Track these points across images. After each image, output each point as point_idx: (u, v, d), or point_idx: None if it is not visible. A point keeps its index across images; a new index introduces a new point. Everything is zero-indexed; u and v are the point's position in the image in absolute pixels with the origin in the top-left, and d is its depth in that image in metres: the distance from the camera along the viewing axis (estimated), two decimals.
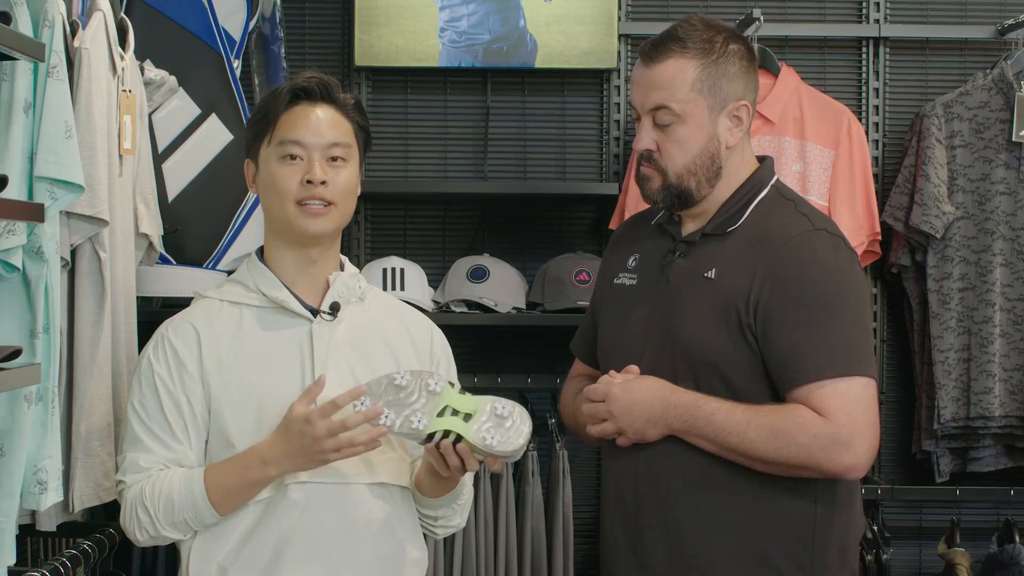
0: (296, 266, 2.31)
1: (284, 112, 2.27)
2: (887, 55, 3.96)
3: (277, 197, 2.26)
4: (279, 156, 2.26)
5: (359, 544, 2.26)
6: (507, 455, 2.16)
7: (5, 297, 2.42)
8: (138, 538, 2.25)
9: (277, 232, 2.31)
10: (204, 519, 2.21)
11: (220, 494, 2.19)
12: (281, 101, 2.28)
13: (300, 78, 2.31)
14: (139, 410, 2.27)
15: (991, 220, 3.69)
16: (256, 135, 2.31)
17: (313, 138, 2.26)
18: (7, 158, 2.36)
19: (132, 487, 2.23)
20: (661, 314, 2.37)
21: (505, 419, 2.17)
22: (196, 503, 2.19)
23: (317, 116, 2.27)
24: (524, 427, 2.17)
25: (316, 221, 2.25)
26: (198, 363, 2.25)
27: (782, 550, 2.30)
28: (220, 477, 2.20)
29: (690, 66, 2.33)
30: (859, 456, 2.23)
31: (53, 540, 2.97)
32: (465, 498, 2.41)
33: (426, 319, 2.47)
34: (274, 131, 2.27)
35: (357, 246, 3.95)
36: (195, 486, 2.19)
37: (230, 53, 3.47)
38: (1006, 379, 3.68)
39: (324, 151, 2.26)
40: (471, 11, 3.83)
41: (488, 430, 2.15)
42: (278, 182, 2.26)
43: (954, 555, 3.69)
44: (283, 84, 2.34)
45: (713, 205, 2.39)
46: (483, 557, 3.63)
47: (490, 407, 2.18)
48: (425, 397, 2.17)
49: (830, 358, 2.24)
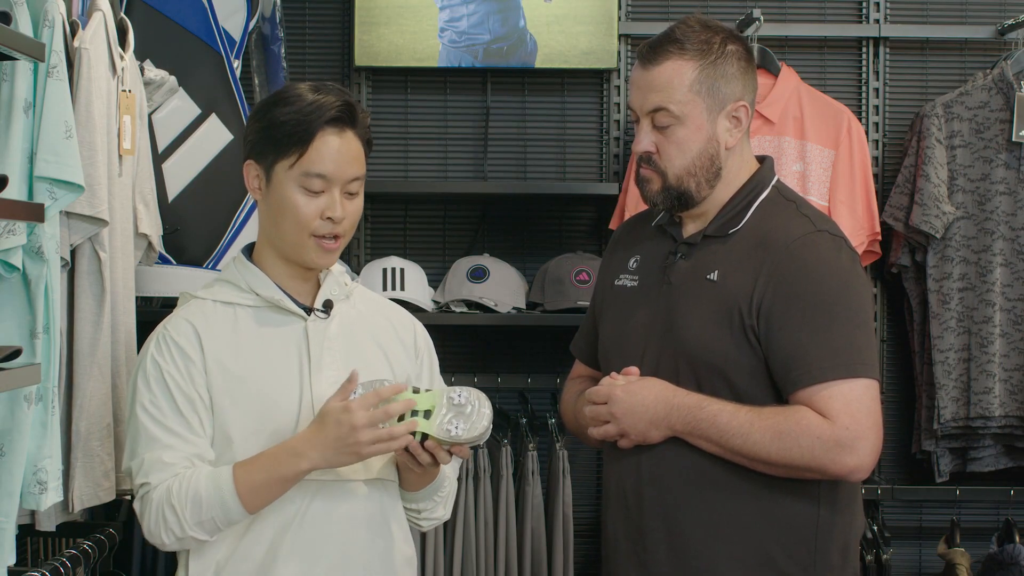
0: (287, 272, 2.32)
1: (314, 139, 2.22)
2: (887, 55, 3.96)
3: (293, 224, 2.24)
4: (301, 184, 2.23)
5: (355, 540, 2.26)
6: (473, 439, 2.17)
7: (5, 297, 2.43)
8: (164, 541, 2.20)
9: (278, 248, 2.30)
10: (232, 517, 2.18)
11: (249, 490, 2.16)
12: (312, 126, 2.21)
13: (326, 100, 2.22)
14: (151, 410, 2.23)
15: (991, 220, 3.69)
16: (277, 150, 2.24)
17: (338, 174, 2.23)
18: (7, 158, 2.36)
19: (158, 487, 2.19)
20: (663, 316, 2.37)
21: (464, 406, 2.18)
22: (224, 500, 2.16)
23: (345, 148, 2.24)
24: (485, 409, 2.19)
25: (328, 257, 2.27)
26: (201, 358, 2.25)
27: (785, 551, 2.30)
28: (248, 473, 2.17)
29: (688, 67, 2.33)
30: (862, 458, 2.23)
31: (53, 540, 2.97)
32: (447, 490, 2.42)
33: (409, 315, 2.48)
34: (302, 157, 2.22)
35: (357, 246, 3.95)
36: (223, 483, 2.16)
37: (230, 53, 3.47)
38: (1006, 379, 3.68)
39: (344, 186, 2.26)
40: (471, 11, 3.83)
41: (450, 421, 2.16)
42: (299, 211, 2.23)
43: (954, 555, 3.69)
44: (305, 99, 2.23)
45: (714, 206, 2.39)
46: (483, 557, 3.63)
47: (446, 399, 2.19)
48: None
49: (833, 360, 2.24)
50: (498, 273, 3.78)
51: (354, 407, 2.12)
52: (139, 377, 2.27)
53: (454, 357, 3.92)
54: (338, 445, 2.13)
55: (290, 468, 2.16)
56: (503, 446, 3.63)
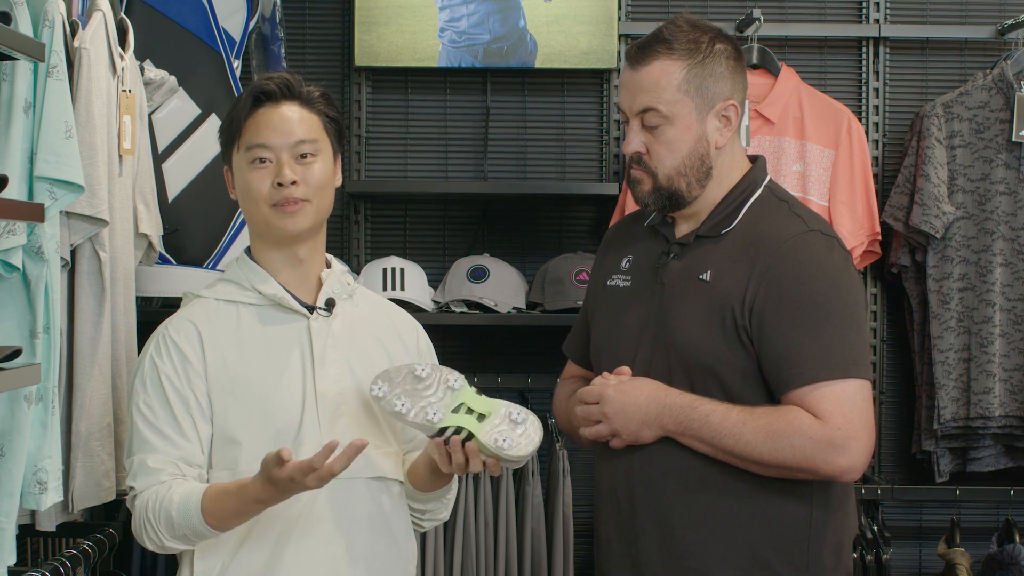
0: (285, 265, 2.32)
1: (248, 117, 2.28)
2: (887, 55, 3.96)
3: (252, 202, 2.28)
4: (249, 161, 2.27)
5: (359, 538, 2.27)
6: (514, 460, 2.17)
7: (5, 297, 2.43)
8: (148, 546, 2.24)
9: (260, 234, 2.33)
10: (204, 536, 2.20)
11: (217, 518, 2.17)
12: (244, 106, 2.29)
13: (261, 80, 2.32)
14: (144, 411, 2.24)
15: (991, 220, 3.69)
16: (227, 142, 2.32)
17: (279, 139, 2.26)
18: (7, 158, 2.36)
19: (140, 495, 2.22)
20: (655, 316, 2.37)
21: (519, 425, 2.18)
22: (193, 524, 2.17)
23: (281, 116, 2.28)
24: (535, 435, 2.18)
25: (292, 219, 2.26)
26: (202, 360, 2.26)
27: (777, 551, 2.30)
28: (216, 503, 2.17)
29: (676, 67, 2.33)
30: (854, 458, 2.23)
31: (53, 540, 2.97)
32: (453, 492, 2.43)
33: (411, 317, 2.49)
34: (241, 137, 2.28)
35: (357, 246, 3.96)
36: (191, 509, 2.17)
37: (230, 53, 3.47)
38: (1006, 379, 3.68)
39: (292, 150, 2.27)
40: (471, 11, 3.83)
41: (501, 432, 2.16)
42: (250, 187, 2.27)
43: (954, 555, 3.70)
44: None
45: (706, 206, 2.39)
46: (483, 557, 3.63)
47: (505, 410, 2.19)
48: (443, 391, 2.19)
49: (825, 360, 2.24)
50: (498, 273, 3.78)
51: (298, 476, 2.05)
52: (137, 377, 2.28)
53: (454, 357, 3.92)
54: (294, 492, 2.12)
55: (256, 509, 2.17)
56: None
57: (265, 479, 2.09)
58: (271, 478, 2.08)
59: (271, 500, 2.14)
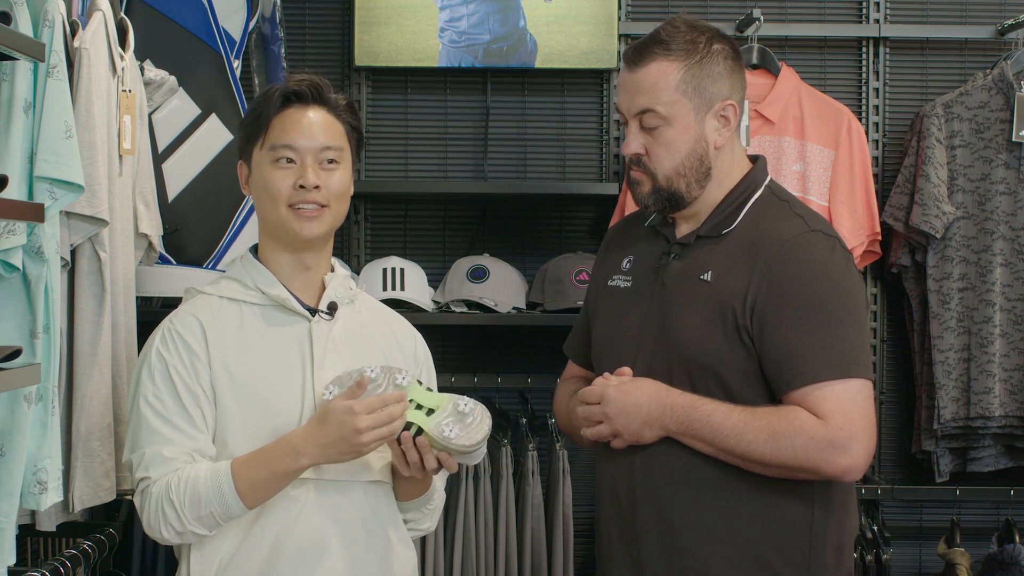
0: (291, 269, 2.33)
1: (276, 115, 2.28)
2: (887, 55, 3.96)
3: (270, 201, 2.28)
4: (272, 160, 2.27)
5: (356, 541, 2.27)
6: (464, 449, 2.19)
7: (5, 297, 2.43)
8: (164, 535, 2.21)
9: (271, 234, 2.32)
10: (231, 512, 2.19)
11: (248, 486, 2.17)
12: (273, 104, 2.29)
13: (292, 80, 2.32)
14: (154, 403, 2.23)
15: (991, 220, 3.69)
16: (249, 137, 2.32)
17: (306, 142, 2.27)
18: (7, 158, 2.36)
19: (157, 482, 2.20)
20: (656, 316, 2.37)
21: (466, 415, 2.20)
22: (224, 495, 2.17)
23: (309, 119, 2.28)
24: (484, 424, 2.21)
25: (309, 225, 2.27)
26: (206, 353, 2.26)
27: (779, 552, 2.30)
28: (247, 468, 2.18)
29: (673, 68, 2.33)
30: (856, 458, 2.23)
31: (53, 540, 2.97)
32: (436, 503, 2.43)
33: (410, 325, 2.50)
34: (267, 135, 2.28)
35: (357, 246, 3.96)
36: (222, 478, 2.17)
37: (230, 53, 3.47)
38: (1006, 379, 3.68)
39: (317, 154, 2.27)
40: (471, 11, 3.83)
41: (448, 424, 2.18)
42: (271, 185, 2.27)
43: (954, 555, 3.70)
44: (274, 88, 2.33)
45: (706, 206, 2.39)
46: (483, 557, 3.63)
47: (452, 404, 2.22)
48: (392, 390, 2.21)
49: (827, 360, 2.24)
50: (498, 273, 3.78)
51: (358, 409, 2.13)
52: (143, 370, 2.27)
53: (454, 357, 3.92)
54: (340, 445, 2.15)
55: (289, 464, 2.17)
56: (503, 446, 3.64)
57: (316, 419, 2.15)
58: (326, 410, 2.14)
59: (311, 449, 2.16)
